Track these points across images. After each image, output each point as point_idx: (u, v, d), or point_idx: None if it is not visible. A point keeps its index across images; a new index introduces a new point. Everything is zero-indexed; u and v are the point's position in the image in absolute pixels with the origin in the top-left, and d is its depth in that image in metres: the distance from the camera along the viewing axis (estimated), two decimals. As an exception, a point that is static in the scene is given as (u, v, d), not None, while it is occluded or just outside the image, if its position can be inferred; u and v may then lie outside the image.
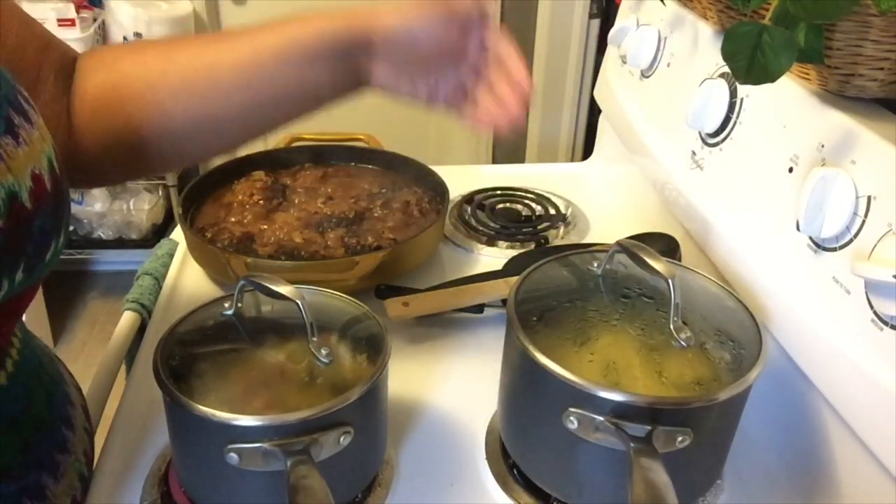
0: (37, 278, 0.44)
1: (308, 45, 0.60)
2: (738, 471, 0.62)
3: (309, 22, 0.60)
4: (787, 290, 0.61)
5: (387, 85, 0.63)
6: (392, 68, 0.62)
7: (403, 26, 0.59)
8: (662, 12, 0.87)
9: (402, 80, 0.63)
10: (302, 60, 0.60)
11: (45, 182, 0.43)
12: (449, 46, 0.61)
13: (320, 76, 0.61)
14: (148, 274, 0.86)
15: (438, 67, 0.63)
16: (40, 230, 0.43)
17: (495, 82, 0.63)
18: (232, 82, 0.60)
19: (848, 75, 0.58)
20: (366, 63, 0.62)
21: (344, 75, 0.62)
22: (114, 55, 0.63)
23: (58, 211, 0.45)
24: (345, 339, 0.58)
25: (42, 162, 0.43)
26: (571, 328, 0.58)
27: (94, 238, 2.37)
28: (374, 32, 0.60)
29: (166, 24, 2.10)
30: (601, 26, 2.33)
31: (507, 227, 0.97)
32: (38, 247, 0.43)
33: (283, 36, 0.60)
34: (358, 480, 0.58)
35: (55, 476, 0.53)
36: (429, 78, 0.64)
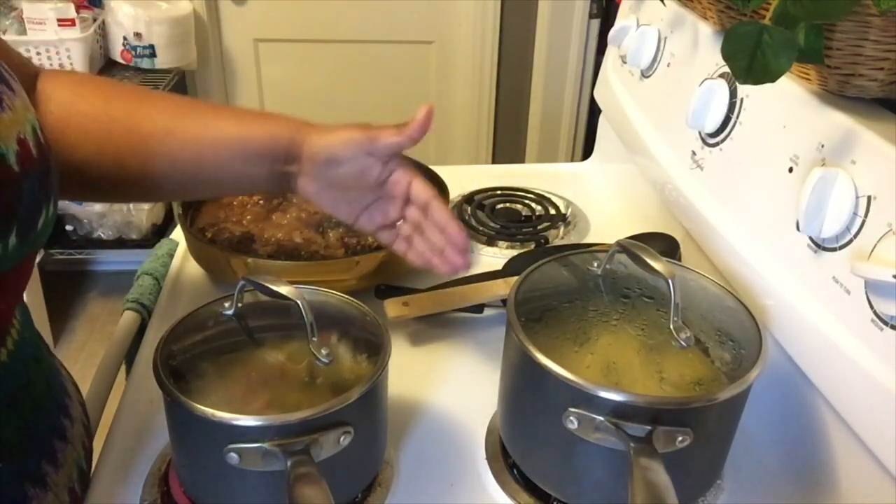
0: (30, 247, 0.45)
1: (258, 146, 0.63)
2: (738, 471, 0.62)
3: (265, 123, 0.64)
4: (787, 290, 0.61)
5: (309, 197, 0.65)
6: (315, 185, 0.64)
7: (327, 148, 0.62)
8: (662, 12, 0.87)
9: (324, 199, 0.65)
10: (247, 157, 0.63)
11: (31, 148, 0.45)
12: (367, 176, 0.63)
13: (259, 174, 0.64)
14: (148, 274, 0.86)
15: (358, 196, 0.65)
16: (30, 194, 0.44)
17: (426, 229, 0.65)
18: (181, 154, 0.62)
19: (848, 75, 0.58)
20: (295, 173, 0.64)
21: (276, 178, 0.64)
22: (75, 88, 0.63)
23: (45, 177, 0.46)
24: (345, 339, 0.58)
25: (26, 128, 0.45)
26: (571, 328, 0.58)
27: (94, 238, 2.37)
28: (305, 149, 0.62)
29: (166, 24, 2.10)
30: (601, 26, 2.33)
31: (507, 227, 0.97)
32: (29, 212, 0.44)
33: (239, 130, 0.63)
34: (358, 480, 0.58)
35: (55, 464, 0.53)
36: (351, 205, 0.65)
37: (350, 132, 0.61)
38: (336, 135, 0.62)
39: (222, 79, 2.44)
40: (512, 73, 2.46)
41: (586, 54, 2.38)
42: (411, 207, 0.65)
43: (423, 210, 0.64)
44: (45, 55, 1.98)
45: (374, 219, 0.66)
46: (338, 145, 0.61)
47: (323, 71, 2.44)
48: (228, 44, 2.41)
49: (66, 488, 0.54)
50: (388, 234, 0.67)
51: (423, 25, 2.41)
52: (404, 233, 0.66)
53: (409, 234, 0.66)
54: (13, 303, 0.49)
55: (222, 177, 0.64)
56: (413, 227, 0.65)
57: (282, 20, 2.36)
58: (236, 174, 0.64)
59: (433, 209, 0.64)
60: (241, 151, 0.63)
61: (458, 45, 2.43)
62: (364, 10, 2.35)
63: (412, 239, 0.66)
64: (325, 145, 0.62)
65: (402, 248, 0.67)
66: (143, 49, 2.10)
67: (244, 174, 0.64)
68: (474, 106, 2.50)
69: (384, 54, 2.43)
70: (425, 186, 0.64)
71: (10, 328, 0.50)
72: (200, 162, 0.63)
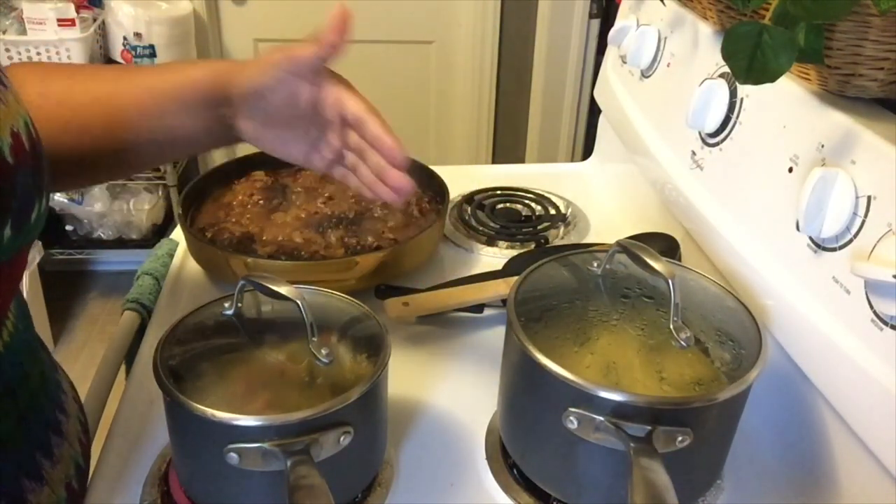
0: (24, 239, 0.46)
1: (182, 94, 0.61)
2: (738, 471, 0.62)
3: (188, 71, 0.62)
4: (787, 290, 0.61)
5: (257, 143, 0.63)
6: (257, 126, 0.62)
7: (250, 80, 0.60)
8: (662, 12, 0.87)
9: (272, 141, 0.63)
10: (176, 109, 0.61)
11: (24, 141, 0.45)
12: (298, 100, 0.60)
13: (196, 124, 0.62)
14: (148, 274, 0.86)
15: (300, 133, 0.62)
16: (23, 187, 0.44)
17: (366, 151, 0.61)
18: (124, 120, 0.61)
19: (848, 75, 0.58)
20: (231, 118, 0.62)
21: (215, 126, 0.62)
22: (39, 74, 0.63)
23: (37, 171, 0.46)
24: (345, 339, 0.58)
25: (19, 122, 0.45)
26: (571, 328, 0.58)
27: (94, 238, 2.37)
28: (231, 89, 0.60)
29: (166, 24, 2.10)
30: (601, 26, 2.33)
31: (507, 227, 0.97)
32: (23, 205, 0.45)
33: (168, 80, 0.61)
34: (358, 480, 0.58)
35: (51, 458, 0.53)
36: (297, 143, 0.63)
37: (270, 57, 0.59)
38: (256, 64, 0.59)
39: (222, 79, 2.44)
40: (512, 73, 2.46)
41: (586, 54, 2.39)
42: (350, 131, 0.61)
43: (359, 130, 0.61)
44: (45, 55, 1.98)
45: (324, 154, 0.64)
46: (260, 74, 0.59)
47: (323, 71, 2.44)
48: (228, 44, 2.41)
49: (62, 484, 0.54)
50: (340, 169, 0.64)
51: (423, 25, 2.41)
52: (350, 162, 0.63)
53: (354, 162, 0.62)
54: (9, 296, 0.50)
55: (159, 135, 0.62)
56: (357, 153, 0.62)
57: (282, 20, 2.36)
58: (172, 129, 0.62)
59: (367, 124, 0.59)
60: (168, 105, 0.61)
61: (458, 45, 2.43)
62: (364, 10, 2.34)
63: (357, 167, 0.62)
64: (248, 78, 0.59)
65: (353, 181, 0.64)
66: (143, 49, 2.10)
67: (180, 127, 0.62)
68: (474, 106, 2.50)
69: (384, 54, 2.43)
70: (356, 100, 0.60)
71: (5, 321, 0.50)
72: (133, 123, 0.61)
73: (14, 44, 1.97)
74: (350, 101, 0.60)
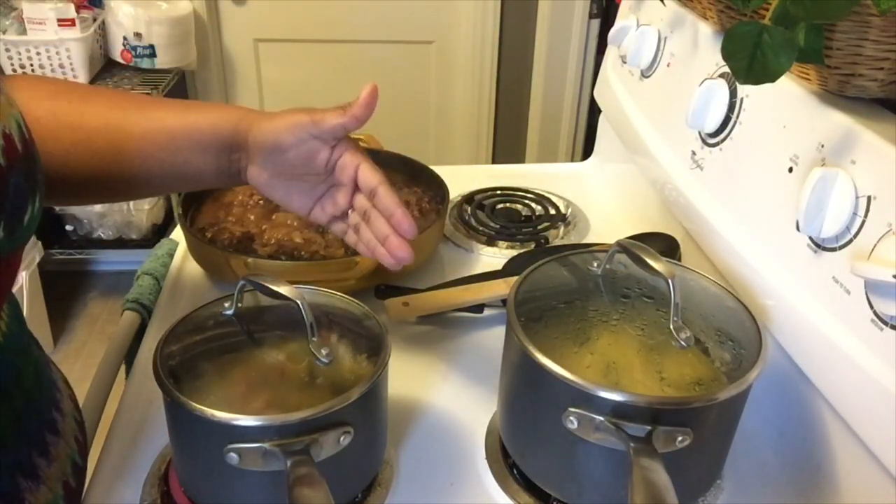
0: (17, 241, 0.46)
1: (201, 136, 0.62)
2: (738, 471, 0.62)
3: (208, 113, 0.63)
4: (787, 290, 0.61)
5: (263, 190, 0.65)
6: (265, 174, 0.63)
7: (272, 134, 0.61)
8: (662, 12, 0.87)
9: (275, 190, 0.64)
10: (192, 149, 0.62)
11: (16, 143, 0.45)
12: (315, 161, 0.61)
13: (208, 165, 0.63)
14: (148, 274, 0.86)
15: (309, 186, 0.64)
16: (16, 189, 0.44)
17: (372, 216, 0.63)
18: (136, 151, 0.62)
19: (848, 75, 0.58)
20: (244, 163, 0.63)
21: (226, 168, 0.64)
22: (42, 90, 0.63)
23: (30, 173, 0.46)
24: (345, 339, 0.58)
25: (11, 124, 0.45)
26: (571, 328, 0.58)
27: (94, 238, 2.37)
28: (250, 138, 0.61)
29: (166, 24, 2.10)
30: (601, 26, 2.33)
31: (507, 227, 0.97)
32: (15, 207, 0.45)
33: (181, 121, 0.62)
34: (358, 480, 0.58)
35: (47, 457, 0.53)
36: (303, 196, 0.64)
37: (294, 116, 0.60)
38: (281, 119, 0.61)
39: (222, 79, 2.44)
40: (512, 73, 2.46)
41: (586, 54, 2.38)
42: (359, 195, 0.63)
43: (370, 196, 0.62)
44: (45, 55, 1.98)
45: (326, 209, 0.65)
46: (283, 130, 0.60)
47: (323, 71, 2.44)
48: (228, 44, 2.41)
49: (59, 482, 0.54)
50: (340, 225, 0.66)
51: (423, 25, 2.41)
52: (352, 221, 0.64)
53: (356, 222, 0.64)
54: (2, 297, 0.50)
55: (168, 170, 0.63)
56: (361, 214, 0.63)
57: (282, 20, 2.36)
58: (183, 166, 0.63)
59: (380, 195, 0.61)
60: (184, 143, 0.62)
61: (458, 45, 2.43)
62: (364, 10, 2.35)
63: (359, 228, 0.64)
64: (271, 131, 0.60)
65: (352, 238, 0.65)
66: (143, 49, 2.10)
67: (191, 165, 0.63)
68: (474, 106, 2.50)
69: (384, 54, 2.43)
70: (373, 171, 0.62)
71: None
72: (144, 155, 0.62)
73: (14, 44, 1.97)
74: (366, 171, 0.62)
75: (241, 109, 0.63)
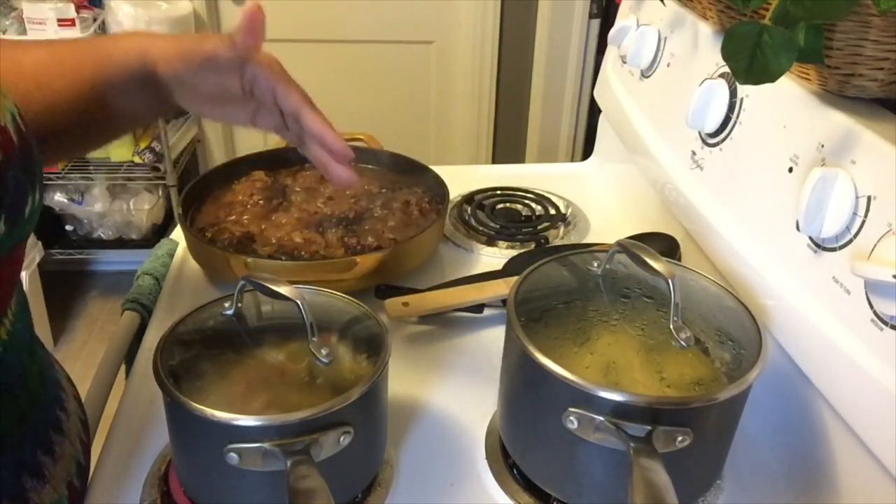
0: (19, 235, 0.46)
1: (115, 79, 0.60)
2: (738, 471, 0.62)
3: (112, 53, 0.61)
4: (787, 290, 0.61)
5: (198, 112, 0.63)
6: (191, 102, 0.62)
7: (174, 73, 0.59)
8: (662, 12, 0.87)
9: (208, 111, 0.63)
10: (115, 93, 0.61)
11: (11, 135, 0.45)
12: (231, 89, 0.60)
13: (136, 103, 0.62)
14: (148, 274, 0.86)
15: (241, 104, 0.62)
16: (14, 182, 0.44)
17: (306, 142, 0.61)
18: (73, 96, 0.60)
19: (848, 75, 0.58)
20: (166, 92, 0.62)
21: (156, 103, 0.62)
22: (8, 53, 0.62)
23: (28, 165, 0.46)
24: (345, 339, 0.58)
25: (6, 116, 0.45)
26: (571, 328, 0.58)
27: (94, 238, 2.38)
28: (158, 71, 0.60)
29: (166, 23, 2.10)
30: (601, 26, 2.33)
31: (507, 227, 0.97)
32: (15, 199, 0.45)
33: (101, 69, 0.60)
34: (358, 480, 0.58)
35: (52, 456, 0.53)
36: (241, 112, 0.62)
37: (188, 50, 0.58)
38: (176, 58, 0.58)
39: (222, 79, 2.44)
40: (512, 73, 2.46)
41: (586, 54, 2.38)
42: (290, 116, 0.61)
43: (296, 121, 0.61)
44: (45, 55, 1.98)
45: (267, 122, 0.63)
46: (181, 70, 0.58)
47: (323, 71, 2.44)
48: (228, 44, 2.41)
49: (64, 482, 0.54)
50: (288, 134, 0.64)
51: (423, 25, 2.41)
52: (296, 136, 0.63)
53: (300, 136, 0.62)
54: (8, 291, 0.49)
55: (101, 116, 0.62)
56: (299, 138, 0.62)
57: (282, 20, 2.36)
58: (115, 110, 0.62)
59: (304, 119, 0.59)
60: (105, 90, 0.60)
61: (458, 45, 2.43)
62: (364, 10, 2.35)
63: (306, 145, 0.62)
64: (170, 70, 0.59)
65: (307, 153, 0.63)
66: (143, 49, 2.10)
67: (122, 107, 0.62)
68: (474, 106, 2.50)
69: (384, 54, 2.43)
70: (291, 93, 0.59)
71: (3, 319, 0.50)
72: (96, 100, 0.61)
73: (14, 44, 1.97)
74: (283, 96, 0.59)
75: (143, 40, 0.60)
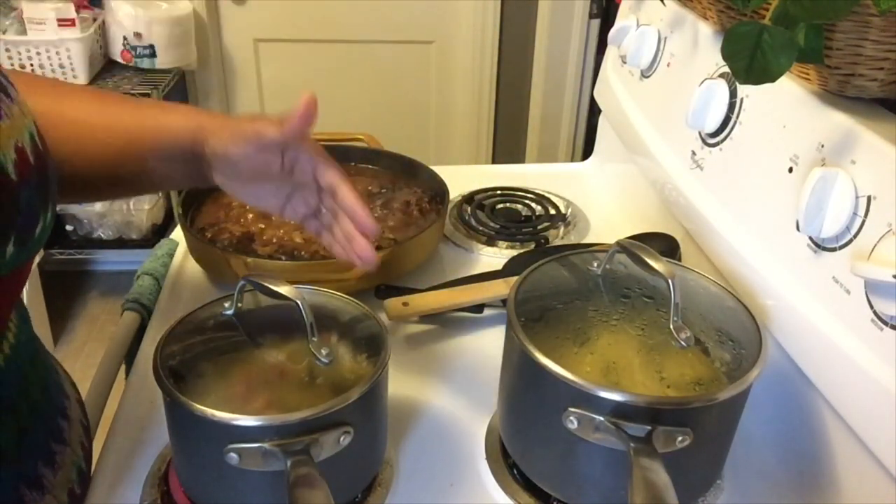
0: (28, 255, 0.45)
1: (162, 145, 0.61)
2: (738, 471, 0.62)
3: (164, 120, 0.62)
4: (787, 290, 0.61)
5: (229, 191, 0.64)
6: (229, 181, 0.63)
7: (221, 148, 0.60)
8: (662, 12, 0.87)
9: (244, 194, 0.64)
10: (157, 157, 0.62)
11: (28, 155, 0.44)
12: (271, 168, 0.61)
13: (175, 170, 0.63)
14: (148, 274, 0.86)
15: (276, 188, 0.63)
16: (27, 203, 0.44)
17: (339, 216, 0.62)
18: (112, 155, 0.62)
19: (848, 75, 0.58)
20: (207, 170, 0.63)
21: (195, 174, 0.63)
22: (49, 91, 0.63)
23: (43, 185, 0.46)
24: (345, 339, 0.58)
25: (24, 136, 0.45)
26: (571, 328, 0.58)
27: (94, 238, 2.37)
28: (206, 147, 0.60)
29: (166, 24, 2.10)
30: (601, 26, 2.33)
31: (507, 227, 0.97)
32: (27, 220, 0.44)
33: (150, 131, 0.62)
34: (358, 480, 0.58)
35: (52, 466, 0.53)
36: (273, 197, 0.64)
37: (239, 128, 0.59)
38: (227, 134, 0.60)
39: (222, 79, 2.44)
40: (512, 73, 2.46)
41: (586, 54, 2.38)
42: (326, 193, 0.62)
43: (333, 197, 0.61)
44: (45, 55, 1.98)
45: (298, 209, 0.64)
46: (229, 144, 0.59)
47: (323, 71, 2.44)
48: (228, 44, 2.40)
49: (64, 490, 0.54)
50: (314, 223, 0.65)
51: (423, 25, 2.41)
52: (326, 221, 0.64)
53: (329, 222, 0.63)
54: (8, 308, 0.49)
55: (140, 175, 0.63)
56: (332, 213, 0.63)
57: (282, 20, 2.36)
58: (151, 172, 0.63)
59: (339, 194, 0.60)
60: (147, 153, 0.61)
61: (458, 45, 2.43)
62: (364, 10, 2.35)
63: (333, 228, 0.63)
64: (220, 144, 0.60)
65: (327, 239, 0.64)
66: (143, 49, 2.10)
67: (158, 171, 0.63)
68: (474, 106, 2.50)
69: (384, 54, 2.43)
70: (330, 170, 0.61)
71: (6, 332, 0.49)
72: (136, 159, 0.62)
73: (14, 44, 1.97)
74: (323, 171, 0.61)
75: (199, 117, 0.62)
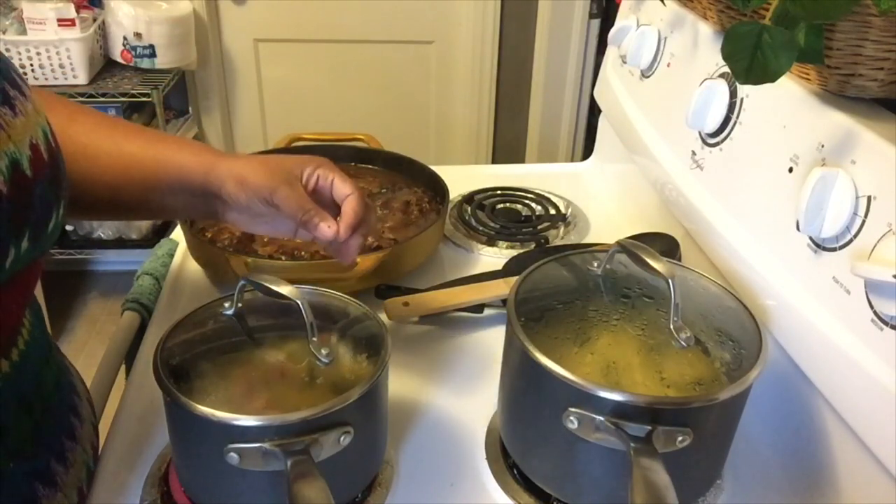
0: (41, 249, 0.46)
1: (171, 182, 0.61)
2: (738, 471, 0.62)
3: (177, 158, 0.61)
4: (787, 290, 0.61)
5: (243, 227, 0.65)
6: (243, 220, 0.63)
7: (241, 199, 0.59)
8: (662, 12, 0.87)
9: (257, 227, 0.64)
10: (167, 191, 0.61)
11: (42, 152, 0.45)
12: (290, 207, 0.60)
13: (184, 205, 0.63)
14: (148, 274, 0.86)
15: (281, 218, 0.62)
16: (41, 199, 0.44)
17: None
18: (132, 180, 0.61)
19: (848, 75, 0.58)
20: (221, 209, 0.63)
21: (201, 209, 0.63)
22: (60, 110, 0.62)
23: (55, 181, 0.47)
24: (345, 339, 0.58)
25: (38, 133, 0.45)
26: (571, 328, 0.58)
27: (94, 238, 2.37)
28: (223, 192, 0.60)
29: (166, 24, 2.10)
30: (601, 26, 2.33)
31: (507, 227, 0.97)
32: (41, 216, 0.45)
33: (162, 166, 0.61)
34: (358, 480, 0.58)
35: (65, 463, 0.53)
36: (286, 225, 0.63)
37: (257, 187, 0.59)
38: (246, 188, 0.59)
39: (222, 79, 2.44)
40: (512, 73, 2.46)
41: (586, 54, 2.39)
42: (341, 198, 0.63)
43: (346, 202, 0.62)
44: (45, 55, 1.98)
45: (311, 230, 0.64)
46: (243, 198, 0.59)
47: (323, 71, 2.44)
48: (228, 44, 2.40)
49: (74, 488, 0.54)
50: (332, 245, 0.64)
51: (423, 25, 2.41)
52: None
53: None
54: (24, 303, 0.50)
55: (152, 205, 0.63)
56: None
57: (282, 20, 2.36)
58: (161, 204, 0.63)
59: (352, 198, 0.62)
60: (156, 185, 0.61)
61: (458, 45, 2.43)
62: (364, 10, 2.35)
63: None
64: (237, 195, 0.59)
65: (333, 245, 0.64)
66: (143, 49, 2.10)
67: (168, 204, 0.63)
68: (474, 106, 2.50)
69: (384, 54, 2.43)
70: (348, 182, 0.62)
71: (21, 329, 0.50)
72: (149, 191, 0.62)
73: (14, 44, 1.97)
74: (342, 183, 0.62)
75: (208, 156, 0.61)
